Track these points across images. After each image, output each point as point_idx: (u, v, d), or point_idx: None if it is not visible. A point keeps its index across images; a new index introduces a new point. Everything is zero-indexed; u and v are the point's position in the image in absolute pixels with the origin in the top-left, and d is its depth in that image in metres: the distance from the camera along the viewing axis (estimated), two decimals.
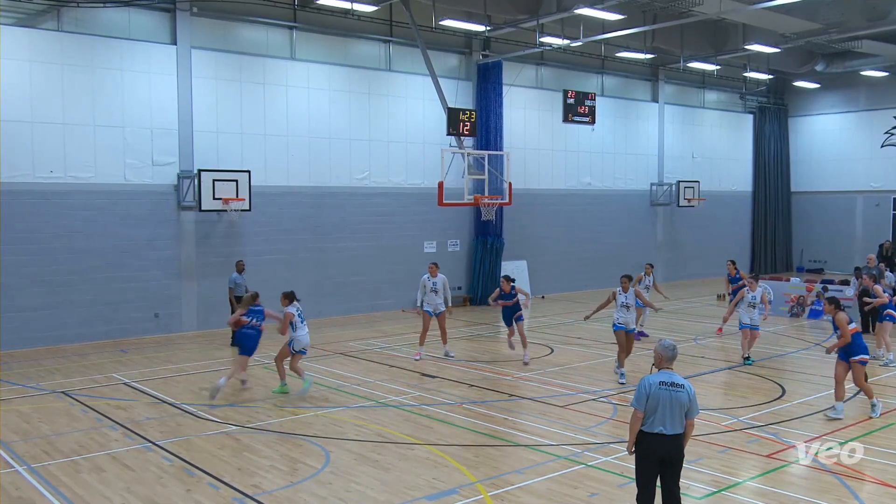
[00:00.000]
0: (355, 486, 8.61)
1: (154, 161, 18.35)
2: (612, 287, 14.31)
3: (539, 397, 12.46)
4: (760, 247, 33.33)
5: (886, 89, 30.65)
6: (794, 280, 23.02)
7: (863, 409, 11.74)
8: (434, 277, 15.41)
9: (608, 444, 9.95)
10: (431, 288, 15.39)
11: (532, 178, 25.31)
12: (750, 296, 15.09)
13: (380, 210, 22.09)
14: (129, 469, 9.17)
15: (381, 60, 22.16)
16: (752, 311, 15.02)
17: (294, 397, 12.56)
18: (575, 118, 21.93)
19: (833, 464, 9.17)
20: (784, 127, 33.96)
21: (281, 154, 20.26)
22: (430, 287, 15.40)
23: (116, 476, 8.94)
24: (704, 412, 11.51)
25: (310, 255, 20.83)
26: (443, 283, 15.42)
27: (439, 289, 15.39)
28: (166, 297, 18.62)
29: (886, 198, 31.24)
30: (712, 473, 8.87)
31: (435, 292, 15.40)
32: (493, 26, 21.68)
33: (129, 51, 17.92)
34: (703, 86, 31.38)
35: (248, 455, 9.68)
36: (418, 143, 22.57)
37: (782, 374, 13.96)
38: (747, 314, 15.05)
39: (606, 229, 27.62)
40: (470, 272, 24.06)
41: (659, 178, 29.54)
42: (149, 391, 13.01)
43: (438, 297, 15.41)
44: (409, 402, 12.26)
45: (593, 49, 26.21)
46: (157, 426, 10.96)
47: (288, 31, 20.43)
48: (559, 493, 8.32)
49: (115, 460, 9.48)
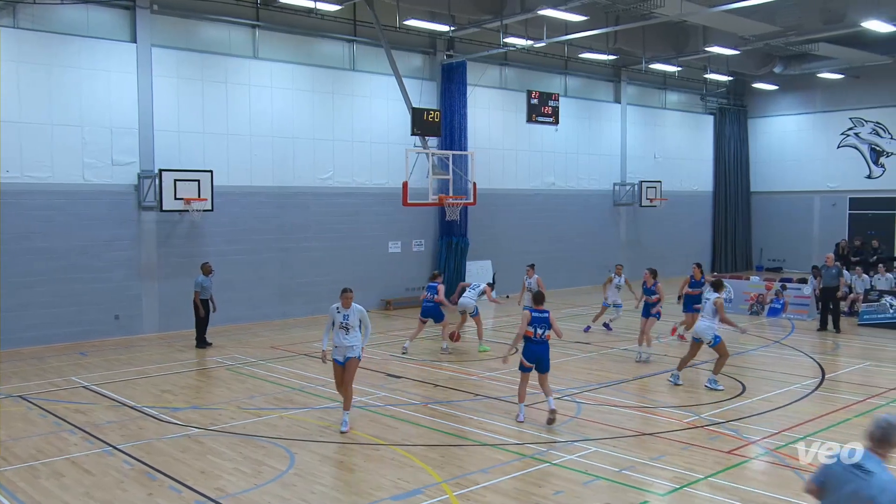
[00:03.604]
0: (320, 488, 8.57)
1: (114, 161, 18.07)
2: (575, 286, 14.44)
3: (504, 397, 12.51)
4: (721, 246, 33.82)
5: (842, 91, 31.30)
6: (753, 279, 23.41)
7: (821, 403, 11.98)
8: (530, 278, 17.61)
9: (573, 443, 10.03)
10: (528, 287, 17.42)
11: (496, 178, 25.40)
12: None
13: (344, 210, 22.01)
14: (89, 474, 9.02)
15: (344, 60, 22.08)
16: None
17: (268, 398, 12.47)
18: (539, 118, 22.07)
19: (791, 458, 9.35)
20: (743, 128, 34.52)
21: (244, 154, 20.08)
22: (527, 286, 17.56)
23: (76, 481, 8.79)
24: (667, 409, 11.68)
25: (273, 255, 20.68)
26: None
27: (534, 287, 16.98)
28: (127, 299, 18.34)
29: (842, 198, 31.91)
30: (674, 470, 8.98)
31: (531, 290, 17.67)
32: (457, 26, 21.72)
33: (88, 48, 17.62)
34: (665, 87, 31.77)
35: (211, 458, 9.58)
36: (382, 142, 22.52)
37: (743, 371, 14.17)
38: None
39: (570, 229, 27.81)
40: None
41: (621, 178, 29.83)
42: (109, 394, 12.82)
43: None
44: (373, 402, 12.23)
45: (557, 50, 26.39)
46: (118, 430, 10.80)
47: (251, 29, 20.26)
48: (524, 492, 8.36)
49: (74, 465, 9.32)
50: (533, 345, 10.88)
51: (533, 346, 10.88)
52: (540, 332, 10.82)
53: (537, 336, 10.83)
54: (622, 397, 12.46)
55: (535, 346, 10.88)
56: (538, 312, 10.91)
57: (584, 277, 27.79)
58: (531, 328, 10.83)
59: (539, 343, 10.88)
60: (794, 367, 14.85)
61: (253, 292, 20.04)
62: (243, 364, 15.29)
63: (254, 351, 16.53)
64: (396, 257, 23.23)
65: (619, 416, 11.29)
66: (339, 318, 10.51)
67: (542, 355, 10.92)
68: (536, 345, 10.88)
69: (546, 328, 10.87)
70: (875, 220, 30.61)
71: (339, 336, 10.47)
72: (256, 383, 13.72)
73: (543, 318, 10.89)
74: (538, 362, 10.93)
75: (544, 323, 10.86)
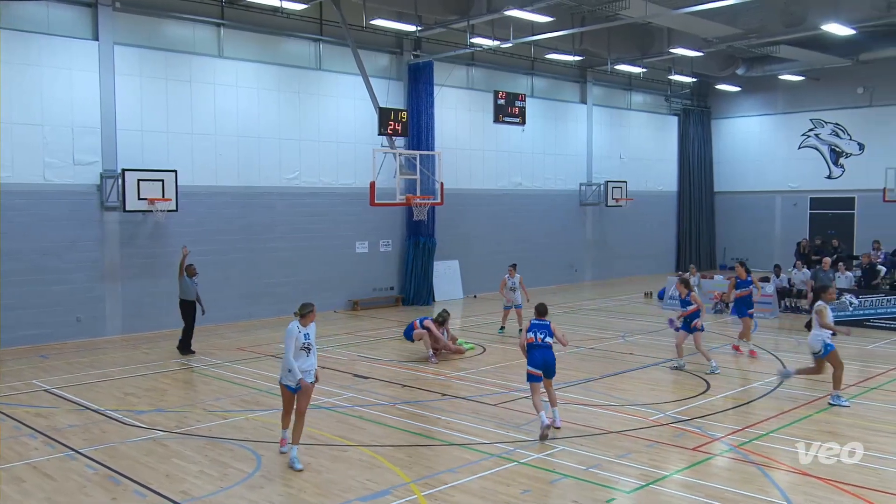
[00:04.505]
0: (287, 490, 8.52)
1: (75, 160, 17.79)
2: (542, 286, 14.47)
3: (472, 396, 12.54)
4: (686, 245, 34.23)
5: (803, 93, 31.86)
6: (717, 278, 23.70)
7: (782, 400, 12.17)
8: (512, 278, 18.05)
9: (540, 442, 10.07)
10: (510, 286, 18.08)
11: (464, 178, 25.44)
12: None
13: (311, 210, 21.88)
14: (51, 479, 8.87)
15: (311, 59, 21.96)
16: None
17: (234, 400, 12.36)
18: (505, 119, 22.14)
19: (755, 455, 9.49)
20: (707, 128, 34.97)
21: (209, 153, 19.88)
22: (509, 285, 18.10)
23: (37, 486, 8.63)
24: (632, 408, 11.79)
25: (240, 255, 20.51)
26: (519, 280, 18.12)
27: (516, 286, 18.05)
28: (89, 300, 18.06)
29: (803, 197, 32.49)
30: (641, 467, 9.07)
31: (513, 290, 18.09)
32: (423, 26, 21.70)
33: (48, 46, 17.32)
34: (630, 88, 32.07)
35: (176, 461, 9.47)
36: (349, 142, 22.43)
37: (706, 368, 14.33)
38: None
39: (537, 229, 27.96)
40: (402, 272, 24.05)
41: (588, 178, 30.04)
42: (71, 397, 12.61)
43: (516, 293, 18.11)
44: (341, 403, 12.18)
45: (523, 51, 26.50)
46: (80, 433, 10.63)
47: (215, 28, 20.06)
48: (492, 491, 8.38)
49: (35, 470, 9.16)
50: (536, 350, 10.49)
51: (536, 352, 10.48)
52: (541, 336, 10.52)
53: (538, 340, 10.51)
54: (589, 396, 12.55)
55: (538, 350, 10.48)
56: (538, 321, 10.72)
57: (551, 277, 27.97)
58: (531, 334, 10.56)
59: (542, 347, 10.50)
60: (757, 365, 15.08)
61: (219, 293, 19.83)
62: (209, 366, 15.14)
63: (220, 352, 16.37)
64: (364, 257, 23.16)
65: (586, 415, 11.37)
66: (300, 338, 9.24)
67: (548, 359, 10.50)
68: (539, 349, 10.48)
69: (547, 333, 10.57)
70: (835, 219, 31.22)
71: (299, 359, 9.21)
72: (223, 385, 13.60)
73: (543, 325, 10.64)
74: (545, 368, 10.47)
75: (545, 329, 10.59)
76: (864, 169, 30.17)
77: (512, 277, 17.97)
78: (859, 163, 30.80)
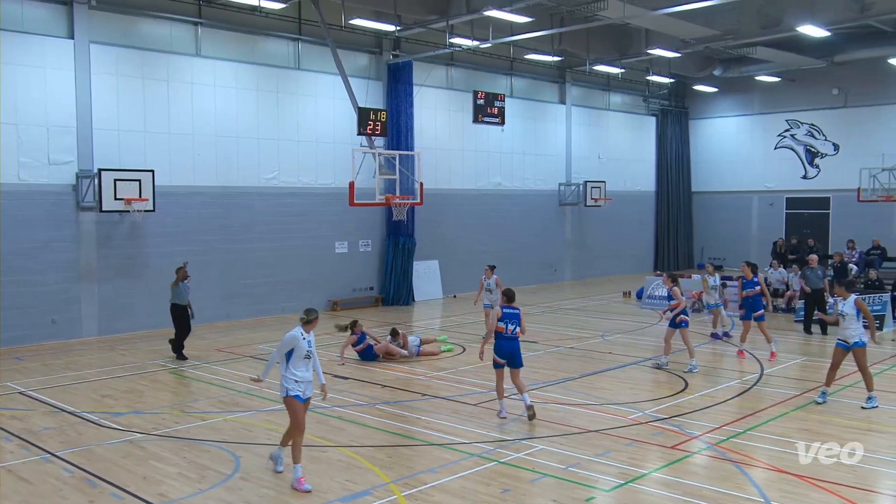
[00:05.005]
0: (266, 491, 8.48)
1: (51, 160, 17.58)
2: (521, 285, 14.53)
3: (451, 396, 12.54)
4: (664, 245, 34.45)
5: (779, 94, 32.17)
6: (695, 277, 23.85)
7: (760, 398, 12.29)
8: (489, 279, 17.40)
9: (520, 441, 10.10)
10: (487, 287, 17.48)
11: (443, 178, 25.45)
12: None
13: (290, 210, 21.79)
14: (26, 482, 8.77)
15: (289, 59, 21.86)
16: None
17: (212, 401, 12.27)
18: (485, 119, 22.17)
19: (731, 453, 9.57)
20: (685, 129, 35.22)
21: (186, 153, 19.73)
22: (486, 286, 17.54)
23: (12, 490, 8.53)
24: (612, 406, 11.84)
25: (218, 256, 20.37)
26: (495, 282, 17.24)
27: (493, 287, 17.22)
28: (65, 302, 17.86)
29: (779, 197, 32.81)
30: (620, 466, 9.12)
31: (489, 291, 17.37)
32: (403, 26, 21.67)
33: (23, 44, 17.10)
34: (609, 88, 32.23)
35: (153, 463, 9.40)
36: (329, 142, 22.36)
37: (685, 367, 14.44)
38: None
39: (516, 229, 28.01)
40: (382, 272, 24.01)
41: (567, 178, 30.16)
42: (47, 400, 12.47)
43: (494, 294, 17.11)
44: (320, 404, 12.11)
45: (502, 51, 26.54)
46: (56, 436, 10.52)
47: (193, 26, 19.91)
48: (472, 491, 8.39)
49: (10, 473, 9.05)
50: (504, 341, 10.91)
51: (504, 343, 10.91)
52: (511, 327, 10.90)
53: (508, 332, 10.90)
54: (568, 395, 12.59)
55: (506, 342, 10.91)
56: (509, 309, 11.02)
57: (531, 277, 28.05)
58: (502, 324, 10.88)
59: (510, 339, 10.92)
60: (734, 363, 15.21)
61: (196, 294, 19.55)
62: (187, 367, 15.03)
63: (198, 353, 16.23)
64: (343, 258, 23.10)
65: (566, 414, 11.41)
66: (304, 345, 8.71)
67: (514, 351, 10.96)
68: (508, 340, 10.92)
69: (517, 324, 10.95)
70: (810, 219, 31.55)
71: (301, 368, 8.74)
72: (200, 386, 13.51)
73: (514, 314, 10.97)
74: (510, 358, 10.95)
75: (515, 319, 10.95)
76: (839, 169, 30.49)
77: (489, 278, 17.83)
78: (834, 163, 31.14)
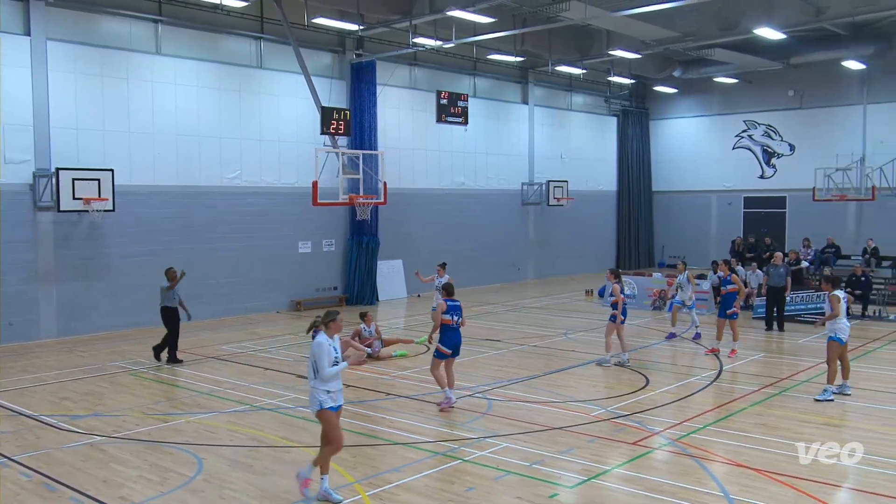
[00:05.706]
0: (229, 493, 8.43)
1: (6, 159, 17.23)
2: (485, 284, 14.62)
3: (415, 395, 12.57)
4: (625, 244, 34.84)
5: (737, 95, 32.71)
6: (656, 275, 24.19)
7: (719, 394, 12.51)
8: (440, 277, 17.56)
9: (484, 439, 10.17)
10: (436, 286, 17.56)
11: (407, 177, 25.45)
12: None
13: (253, 210, 21.63)
14: None
15: (251, 57, 21.69)
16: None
17: (174, 403, 12.15)
18: (448, 118, 22.23)
19: (693, 448, 9.74)
20: (645, 129, 35.66)
21: (147, 152, 19.48)
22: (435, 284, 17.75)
23: None
24: (575, 404, 11.97)
25: (180, 256, 20.07)
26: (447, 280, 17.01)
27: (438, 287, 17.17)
28: (22, 304, 17.52)
29: (738, 197, 33.37)
30: (582, 462, 9.23)
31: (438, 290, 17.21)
32: (366, 26, 21.65)
33: None
34: (571, 89, 32.50)
35: (114, 466, 9.29)
36: (291, 141, 22.24)
37: (646, 364, 14.65)
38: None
39: (480, 228, 28.12)
40: (346, 272, 23.94)
41: (529, 177, 30.34)
42: (3, 403, 12.23)
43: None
44: (285, 404, 12.09)
45: (465, 51, 26.63)
46: (13, 440, 10.33)
47: (153, 24, 19.66)
48: (437, 489, 8.43)
49: None
50: (452, 332, 11.56)
51: (452, 334, 11.57)
52: (456, 318, 11.59)
53: (454, 323, 11.56)
54: (531, 393, 12.70)
55: (453, 332, 11.57)
56: (452, 301, 11.70)
57: (494, 276, 28.18)
58: (448, 316, 11.51)
59: (456, 330, 11.61)
60: (694, 360, 15.46)
61: (157, 294, 19.44)
62: (148, 368, 14.85)
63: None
64: (307, 257, 22.99)
65: (529, 412, 11.51)
66: (331, 352, 8.07)
67: (458, 342, 11.68)
68: (455, 332, 11.58)
69: (460, 315, 11.65)
70: (768, 218, 32.14)
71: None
72: (162, 388, 13.37)
73: (457, 306, 11.68)
74: (455, 348, 11.62)
75: (458, 311, 11.64)
76: (795, 169, 31.10)
77: (441, 276, 17.75)
78: (790, 163, 31.75)
